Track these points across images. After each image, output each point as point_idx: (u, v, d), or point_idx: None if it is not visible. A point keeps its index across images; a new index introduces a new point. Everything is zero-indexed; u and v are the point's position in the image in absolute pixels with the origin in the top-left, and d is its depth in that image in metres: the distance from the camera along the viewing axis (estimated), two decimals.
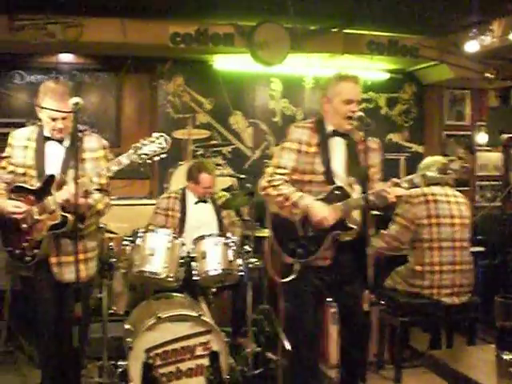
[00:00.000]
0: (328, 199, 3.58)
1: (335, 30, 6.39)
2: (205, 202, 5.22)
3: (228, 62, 6.65)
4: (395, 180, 3.56)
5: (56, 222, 3.55)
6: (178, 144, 6.43)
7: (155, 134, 3.52)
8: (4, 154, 3.74)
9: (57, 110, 3.51)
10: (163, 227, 5.14)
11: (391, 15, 5.93)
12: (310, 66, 6.43)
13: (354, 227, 3.54)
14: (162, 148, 3.50)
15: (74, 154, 3.47)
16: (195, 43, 6.09)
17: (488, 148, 7.74)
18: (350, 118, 3.57)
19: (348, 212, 3.53)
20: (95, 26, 5.81)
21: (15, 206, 3.58)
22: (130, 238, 4.50)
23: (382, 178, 3.84)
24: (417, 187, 3.75)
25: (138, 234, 4.43)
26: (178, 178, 5.98)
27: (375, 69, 7.09)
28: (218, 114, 6.86)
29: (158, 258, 4.34)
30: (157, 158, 3.51)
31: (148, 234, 4.44)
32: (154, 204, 5.39)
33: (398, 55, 6.65)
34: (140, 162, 3.50)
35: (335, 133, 3.69)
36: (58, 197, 3.52)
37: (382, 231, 4.60)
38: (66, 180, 3.59)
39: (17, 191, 3.64)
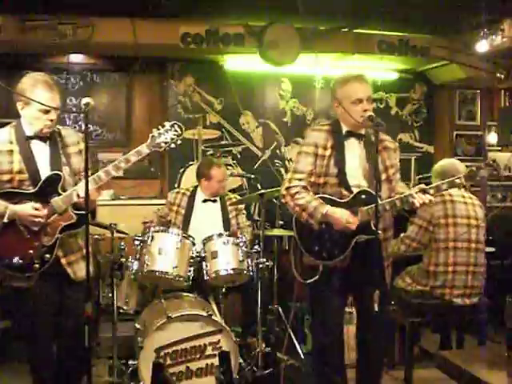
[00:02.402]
0: (353, 203, 3.58)
1: (345, 29, 6.37)
2: (214, 201, 5.23)
3: (238, 62, 6.65)
4: (422, 186, 3.56)
5: (72, 221, 3.42)
6: (189, 144, 6.45)
7: (168, 123, 3.54)
8: None
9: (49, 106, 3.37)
10: (164, 219, 5.17)
11: (401, 15, 5.91)
12: (319, 65, 6.41)
13: (379, 232, 3.51)
14: (178, 135, 3.52)
15: (57, 151, 3.47)
16: (205, 43, 6.09)
17: (498, 148, 7.71)
18: (363, 116, 3.58)
19: (373, 216, 3.51)
20: (106, 26, 5.82)
21: (37, 209, 3.36)
22: (140, 238, 4.51)
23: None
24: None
25: (149, 234, 4.44)
26: (189, 177, 6.00)
27: (385, 69, 7.07)
28: (228, 114, 6.86)
29: (168, 257, 4.35)
30: (173, 146, 3.52)
31: (158, 234, 4.45)
32: (163, 204, 5.41)
33: (408, 55, 6.62)
34: (159, 150, 3.50)
35: (350, 134, 3.70)
36: (71, 195, 3.38)
37: (402, 234, 4.58)
38: (65, 177, 3.48)
39: (7, 198, 3.38)
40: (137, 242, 4.50)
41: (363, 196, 3.57)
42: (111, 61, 6.61)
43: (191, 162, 6.23)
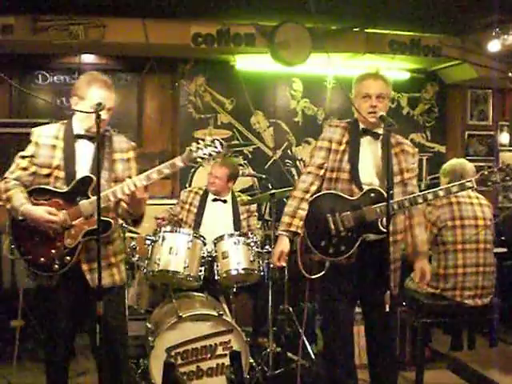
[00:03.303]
0: (362, 201, 3.58)
1: (357, 29, 6.36)
2: (224, 201, 5.23)
3: (249, 62, 6.65)
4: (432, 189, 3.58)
5: (95, 226, 3.24)
6: None
7: (209, 138, 3.43)
8: (26, 154, 3.43)
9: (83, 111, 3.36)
10: (175, 217, 5.19)
11: (413, 14, 5.89)
12: (331, 65, 6.40)
13: (386, 231, 3.51)
14: (218, 152, 3.42)
15: (102, 154, 3.39)
16: (216, 43, 6.10)
17: (511, 148, 7.68)
18: (371, 113, 3.60)
19: (381, 216, 3.51)
20: (117, 26, 5.84)
21: (51, 213, 3.29)
22: (152, 238, 4.52)
23: None
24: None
25: (160, 234, 4.46)
26: (200, 177, 6.01)
27: (397, 68, 7.05)
28: (239, 114, 6.86)
29: (179, 257, 4.36)
30: (211, 162, 3.50)
31: (169, 234, 4.46)
32: (175, 204, 5.43)
33: (419, 54, 6.60)
34: (194, 164, 3.47)
35: (366, 132, 3.71)
36: (107, 195, 3.31)
37: None
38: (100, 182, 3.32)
39: (38, 194, 3.36)
40: (148, 242, 4.51)
41: (372, 194, 3.57)
42: (123, 61, 6.63)
43: None
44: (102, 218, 3.18)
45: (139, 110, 6.71)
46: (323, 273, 3.64)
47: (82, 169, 3.40)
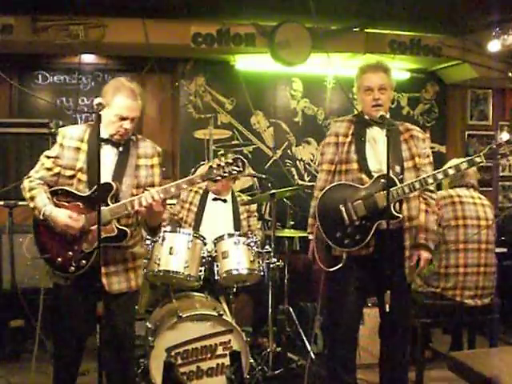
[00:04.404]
0: (373, 188, 3.58)
1: (357, 29, 6.37)
2: (224, 201, 5.23)
3: (249, 62, 6.65)
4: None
5: (112, 234, 3.32)
6: (199, 144, 6.46)
7: (231, 156, 3.37)
8: (52, 154, 3.43)
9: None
10: (175, 216, 5.18)
11: (413, 14, 5.90)
12: (331, 65, 6.41)
13: (400, 216, 3.51)
14: (239, 171, 3.35)
15: (126, 160, 3.45)
16: (216, 43, 6.10)
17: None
18: (374, 106, 3.62)
19: (393, 200, 3.49)
20: (117, 26, 5.84)
21: (72, 219, 3.29)
22: (152, 238, 4.52)
23: None
24: None
25: (160, 234, 4.45)
26: None
27: (397, 68, 7.04)
28: (239, 114, 6.87)
29: (179, 257, 4.35)
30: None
31: (169, 234, 4.45)
32: (175, 204, 5.42)
33: (419, 54, 6.61)
34: (213, 180, 3.40)
35: (372, 122, 3.71)
36: (114, 208, 3.30)
37: None
38: (121, 189, 3.39)
39: (61, 196, 3.38)
40: (148, 242, 4.51)
41: (382, 180, 3.54)
42: (123, 61, 6.64)
43: (202, 162, 6.22)
44: (118, 227, 3.30)
45: None
46: (341, 265, 3.63)
47: (105, 173, 3.32)
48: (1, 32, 5.55)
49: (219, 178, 3.36)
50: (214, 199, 5.21)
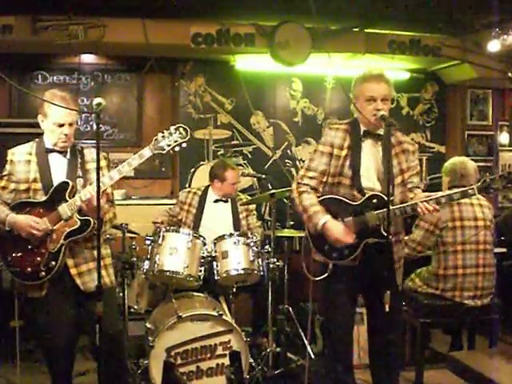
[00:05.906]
0: (363, 206, 3.58)
1: (356, 29, 6.36)
2: (225, 201, 5.23)
3: (249, 62, 6.65)
4: (432, 196, 3.54)
5: (75, 227, 3.46)
6: (199, 144, 6.46)
7: (173, 127, 3.55)
8: (4, 173, 3.61)
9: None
10: (175, 218, 5.19)
11: (413, 14, 5.89)
12: (330, 65, 6.40)
13: (389, 236, 3.47)
14: (183, 137, 3.52)
15: (75, 165, 3.55)
16: (216, 43, 6.10)
17: (510, 148, 7.68)
18: (375, 115, 3.58)
19: (383, 221, 3.50)
20: (117, 26, 5.84)
21: (35, 222, 3.43)
22: (152, 238, 4.53)
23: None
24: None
25: (160, 234, 4.46)
26: (199, 177, 6.00)
27: (397, 68, 7.04)
28: (239, 114, 6.86)
29: (179, 257, 4.36)
30: (177, 148, 3.53)
31: (169, 234, 4.46)
32: (174, 204, 5.42)
33: (419, 55, 6.60)
34: (162, 152, 3.49)
35: (368, 134, 3.69)
36: (75, 200, 3.43)
37: (406, 237, 4.55)
38: (76, 188, 3.52)
39: (20, 208, 3.51)
40: (148, 242, 4.52)
41: (374, 200, 3.56)
42: (122, 61, 6.63)
43: (202, 162, 6.23)
44: (80, 218, 3.47)
45: (139, 110, 6.71)
46: (327, 274, 3.66)
47: (58, 179, 3.53)
48: (1, 32, 5.54)
49: (167, 147, 3.50)
50: (216, 201, 5.22)
